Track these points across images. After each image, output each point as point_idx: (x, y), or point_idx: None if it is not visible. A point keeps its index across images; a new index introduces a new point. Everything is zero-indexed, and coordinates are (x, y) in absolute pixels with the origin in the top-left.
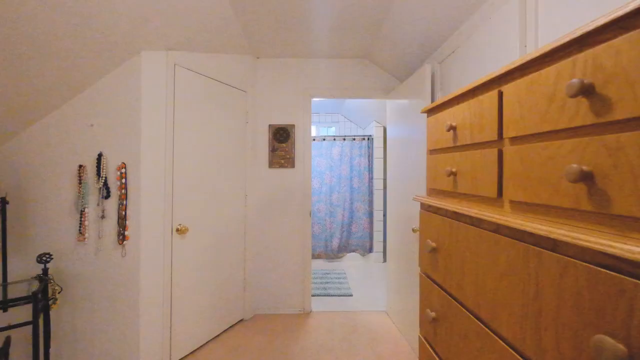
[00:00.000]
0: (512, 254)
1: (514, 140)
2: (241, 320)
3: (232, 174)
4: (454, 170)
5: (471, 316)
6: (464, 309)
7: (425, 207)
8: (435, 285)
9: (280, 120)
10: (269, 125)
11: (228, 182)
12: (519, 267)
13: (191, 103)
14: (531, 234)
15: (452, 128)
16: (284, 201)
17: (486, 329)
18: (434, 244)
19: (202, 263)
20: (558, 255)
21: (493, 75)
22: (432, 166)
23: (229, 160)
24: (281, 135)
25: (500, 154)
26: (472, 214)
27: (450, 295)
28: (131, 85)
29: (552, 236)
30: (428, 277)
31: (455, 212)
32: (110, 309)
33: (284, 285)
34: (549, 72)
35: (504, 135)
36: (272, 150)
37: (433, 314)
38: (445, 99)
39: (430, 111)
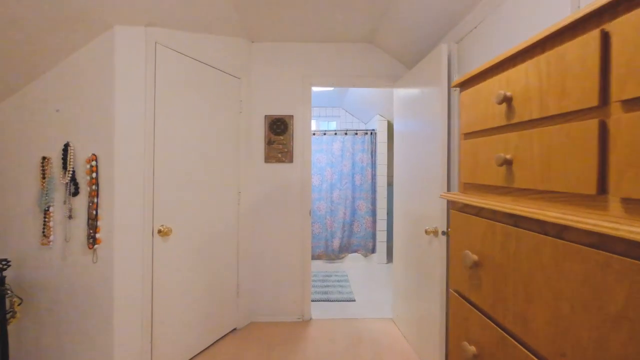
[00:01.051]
0: None
1: (634, 103)
2: (234, 330)
3: (223, 169)
4: (508, 157)
5: None
6: (530, 355)
7: (459, 207)
8: (475, 311)
9: (278, 110)
10: (265, 116)
11: (219, 177)
12: None
13: (176, 88)
14: None
15: (506, 99)
16: (282, 199)
17: None
18: (475, 257)
19: (189, 268)
20: None
21: (587, 10)
22: (470, 154)
23: (220, 154)
24: (278, 127)
25: (604, 128)
26: (547, 219)
27: (502, 328)
28: (103, 65)
29: None
30: (463, 297)
31: (511, 215)
32: (79, 322)
33: (281, 290)
34: None
35: (613, 99)
36: (269, 143)
37: (473, 349)
38: (492, 62)
39: (466, 83)
